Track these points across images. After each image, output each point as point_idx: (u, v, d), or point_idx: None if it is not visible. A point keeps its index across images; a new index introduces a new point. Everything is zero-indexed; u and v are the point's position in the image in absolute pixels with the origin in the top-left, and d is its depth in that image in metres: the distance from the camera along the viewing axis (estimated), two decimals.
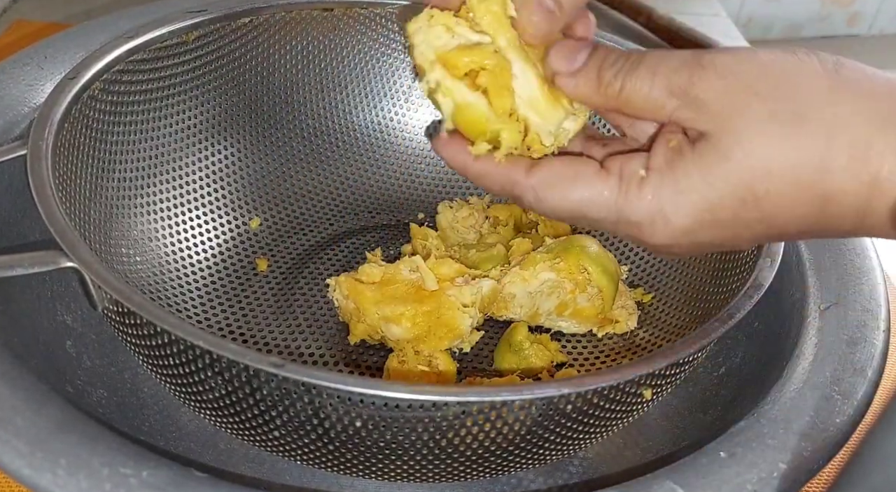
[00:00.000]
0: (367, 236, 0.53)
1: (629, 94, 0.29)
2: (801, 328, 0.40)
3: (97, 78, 0.42)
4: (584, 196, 0.29)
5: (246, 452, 0.42)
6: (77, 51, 0.49)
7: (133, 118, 0.45)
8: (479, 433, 0.32)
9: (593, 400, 0.33)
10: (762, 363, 0.41)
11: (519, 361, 0.44)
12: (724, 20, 0.89)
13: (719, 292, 0.41)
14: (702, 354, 0.38)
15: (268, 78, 0.52)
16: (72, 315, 0.43)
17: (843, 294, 0.41)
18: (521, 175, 0.30)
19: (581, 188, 0.30)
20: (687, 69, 0.28)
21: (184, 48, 0.47)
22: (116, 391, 0.42)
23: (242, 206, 0.51)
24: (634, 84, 0.29)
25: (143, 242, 0.46)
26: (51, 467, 0.28)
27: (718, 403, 0.43)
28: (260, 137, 0.52)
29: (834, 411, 0.35)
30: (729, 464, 0.32)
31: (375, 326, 0.42)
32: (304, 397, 0.31)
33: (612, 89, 0.29)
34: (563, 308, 0.45)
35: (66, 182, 0.39)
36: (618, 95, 0.29)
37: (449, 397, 0.29)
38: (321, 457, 0.34)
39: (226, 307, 0.46)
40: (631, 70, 0.29)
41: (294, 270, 0.49)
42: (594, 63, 0.30)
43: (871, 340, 0.39)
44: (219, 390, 0.32)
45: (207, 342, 0.29)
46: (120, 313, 0.33)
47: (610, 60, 0.29)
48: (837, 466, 0.25)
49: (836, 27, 1.50)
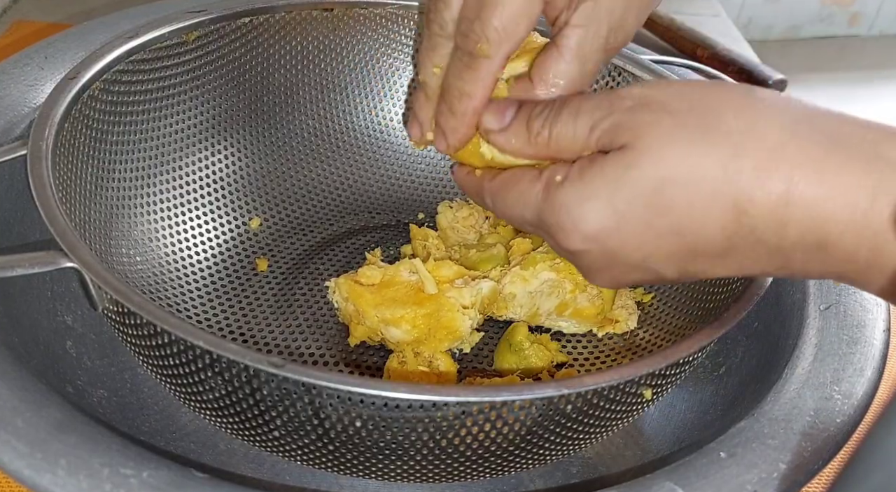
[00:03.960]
0: (367, 236, 0.53)
1: (557, 139, 0.31)
2: (801, 328, 0.40)
3: (97, 78, 0.42)
4: (517, 198, 0.32)
5: (246, 452, 0.42)
6: (77, 51, 0.49)
7: (133, 118, 0.45)
8: (479, 434, 0.32)
9: (593, 400, 0.33)
10: (762, 363, 0.41)
11: (519, 362, 0.43)
12: (724, 20, 0.89)
13: (719, 292, 0.41)
14: (702, 354, 0.38)
15: (268, 78, 0.52)
16: (72, 315, 0.43)
17: (843, 294, 0.41)
18: (486, 182, 0.34)
19: (515, 190, 0.32)
20: (606, 101, 0.29)
21: (184, 48, 0.47)
22: (116, 392, 0.42)
23: (242, 206, 0.51)
24: (560, 129, 0.30)
25: (143, 242, 0.46)
26: (51, 467, 0.28)
27: (718, 403, 0.43)
28: (260, 137, 0.52)
29: (834, 411, 0.35)
30: (729, 464, 0.32)
31: (375, 328, 0.42)
32: (304, 397, 0.31)
33: (542, 138, 0.31)
34: (563, 308, 0.45)
35: (66, 182, 0.39)
36: (548, 143, 0.31)
37: (449, 398, 0.29)
38: (321, 457, 0.34)
39: (226, 307, 0.46)
40: (556, 116, 0.30)
41: (294, 270, 0.49)
42: (522, 117, 0.32)
43: (871, 341, 0.39)
44: (219, 390, 0.32)
45: (207, 342, 0.29)
46: (120, 313, 0.33)
47: (536, 112, 0.31)
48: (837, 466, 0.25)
49: (836, 27, 1.50)
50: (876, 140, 0.26)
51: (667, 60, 0.55)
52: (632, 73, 0.50)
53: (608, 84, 0.51)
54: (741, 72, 0.72)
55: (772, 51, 1.43)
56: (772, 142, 0.27)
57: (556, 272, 0.44)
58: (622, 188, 0.28)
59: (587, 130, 0.30)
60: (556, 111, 0.31)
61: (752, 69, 0.72)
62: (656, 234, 0.29)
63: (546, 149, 0.31)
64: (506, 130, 0.32)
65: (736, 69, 0.73)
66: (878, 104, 1.27)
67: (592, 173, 0.29)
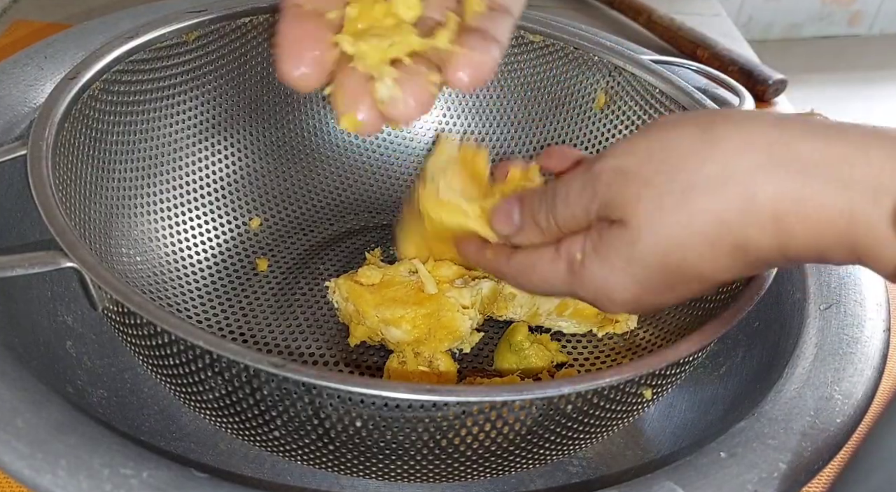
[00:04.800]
0: (367, 236, 0.53)
1: (562, 223, 0.33)
2: (801, 328, 0.40)
3: (97, 78, 0.42)
4: (542, 279, 0.35)
5: (246, 452, 0.42)
6: (77, 51, 0.49)
7: (133, 118, 0.45)
8: (479, 433, 0.32)
9: (593, 400, 0.33)
10: (762, 363, 0.41)
11: (519, 361, 0.44)
12: (724, 20, 0.89)
13: (720, 292, 0.41)
14: (702, 354, 0.38)
15: (268, 78, 0.52)
16: (72, 315, 0.43)
17: (843, 294, 0.41)
18: (504, 265, 0.37)
19: (539, 275, 0.35)
20: (590, 184, 0.32)
21: (184, 48, 0.47)
22: (117, 392, 0.42)
23: (242, 206, 0.51)
24: (560, 214, 0.33)
25: (143, 242, 0.46)
26: (51, 467, 0.28)
27: (719, 403, 0.43)
28: (260, 137, 0.52)
29: (834, 411, 0.35)
30: (729, 464, 0.32)
31: (375, 328, 0.42)
32: (304, 397, 0.31)
33: (551, 226, 0.34)
34: (563, 308, 0.45)
35: (66, 182, 0.39)
36: (557, 229, 0.34)
37: (449, 398, 0.30)
38: (321, 457, 0.34)
39: (226, 307, 0.46)
40: (552, 207, 0.34)
41: (294, 270, 0.49)
42: (527, 215, 0.35)
43: (871, 341, 0.39)
44: (219, 390, 0.32)
45: (207, 342, 0.29)
46: (120, 313, 0.33)
47: (535, 206, 0.35)
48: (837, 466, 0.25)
49: (836, 27, 1.50)
50: (846, 159, 0.27)
51: (667, 60, 0.55)
52: (632, 73, 0.50)
53: (608, 84, 0.51)
54: (741, 72, 0.72)
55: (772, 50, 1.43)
56: (750, 184, 0.28)
57: None
58: (634, 263, 0.31)
59: (582, 211, 0.32)
60: (551, 202, 0.34)
61: (752, 69, 0.72)
62: (682, 285, 0.31)
63: (557, 232, 0.34)
64: (519, 231, 0.36)
65: (736, 69, 0.73)
66: (879, 104, 1.28)
67: (605, 251, 0.32)
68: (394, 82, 0.30)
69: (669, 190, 0.29)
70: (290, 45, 0.31)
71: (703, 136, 0.29)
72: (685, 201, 0.29)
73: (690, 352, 0.33)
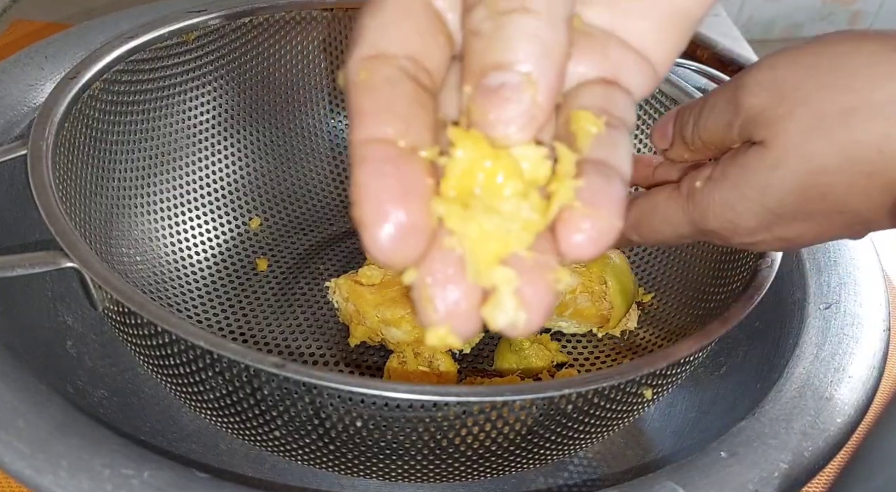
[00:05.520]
0: None
1: (706, 138, 0.30)
2: (801, 328, 0.40)
3: (97, 78, 0.42)
4: (663, 221, 0.31)
5: (247, 452, 0.42)
6: (77, 51, 0.49)
7: (133, 118, 0.45)
8: (479, 433, 0.32)
9: (594, 400, 0.33)
10: (762, 363, 0.41)
11: (519, 361, 0.44)
12: (724, 20, 0.89)
13: (720, 292, 0.41)
14: (702, 354, 0.38)
15: (268, 78, 0.52)
16: (72, 315, 0.43)
17: (843, 294, 0.41)
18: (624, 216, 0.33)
19: (660, 214, 0.31)
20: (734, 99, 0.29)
21: (184, 48, 0.47)
22: (117, 392, 0.42)
23: (242, 206, 0.51)
24: (702, 128, 0.30)
25: (143, 242, 0.46)
26: (52, 468, 0.28)
27: (719, 402, 0.43)
28: (260, 137, 0.52)
29: (834, 410, 0.35)
30: (730, 464, 0.32)
31: (375, 328, 0.42)
32: (304, 397, 0.31)
33: (695, 141, 0.31)
34: (563, 308, 0.45)
35: (66, 182, 0.39)
36: (702, 145, 0.31)
37: (449, 397, 0.29)
38: (322, 457, 0.34)
39: (226, 307, 0.46)
40: (697, 120, 0.30)
41: (294, 270, 0.49)
42: (677, 129, 0.32)
43: (871, 341, 0.39)
44: (219, 390, 0.32)
45: (208, 342, 0.29)
46: (120, 313, 0.33)
47: (685, 118, 0.31)
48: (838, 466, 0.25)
49: (837, 26, 1.50)
50: None
51: None
52: None
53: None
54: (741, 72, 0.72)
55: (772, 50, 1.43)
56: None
57: (579, 275, 0.44)
58: (770, 189, 0.28)
59: (726, 127, 0.29)
60: (698, 111, 0.31)
61: None
62: (822, 215, 0.28)
63: (702, 149, 0.31)
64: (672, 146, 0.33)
65: (736, 69, 0.73)
66: None
67: (736, 175, 0.29)
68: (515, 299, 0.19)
69: (829, 111, 0.26)
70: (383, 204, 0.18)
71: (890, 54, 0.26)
72: (846, 126, 0.26)
73: (690, 352, 0.33)
